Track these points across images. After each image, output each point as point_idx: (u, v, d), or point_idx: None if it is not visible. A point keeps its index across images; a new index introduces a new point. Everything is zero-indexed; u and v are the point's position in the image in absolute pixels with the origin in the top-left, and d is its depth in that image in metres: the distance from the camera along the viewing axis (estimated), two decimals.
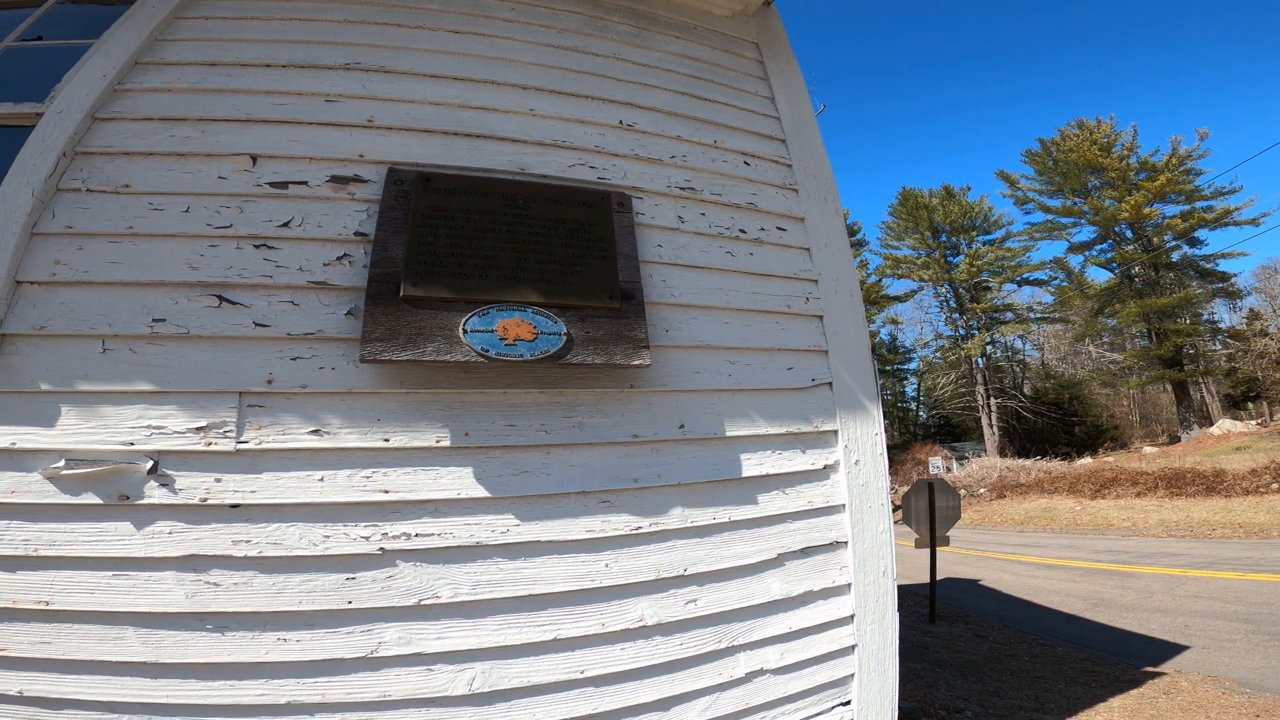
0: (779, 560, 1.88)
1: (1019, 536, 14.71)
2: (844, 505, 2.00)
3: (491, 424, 1.69)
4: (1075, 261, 33.59)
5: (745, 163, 2.34)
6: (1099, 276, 33.38)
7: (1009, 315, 37.30)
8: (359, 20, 2.14)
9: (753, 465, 1.93)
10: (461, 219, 1.79)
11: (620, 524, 1.73)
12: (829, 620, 1.89)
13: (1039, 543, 13.19)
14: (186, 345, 1.59)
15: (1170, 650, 4.93)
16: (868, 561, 1.97)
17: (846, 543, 1.97)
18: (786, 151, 2.42)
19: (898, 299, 40.78)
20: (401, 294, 1.64)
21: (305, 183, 1.81)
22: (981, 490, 22.14)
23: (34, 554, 1.40)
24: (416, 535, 1.58)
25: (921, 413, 43.59)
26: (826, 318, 2.19)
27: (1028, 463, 24.28)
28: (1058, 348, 40.25)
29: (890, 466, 2.14)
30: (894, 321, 41.50)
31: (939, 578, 6.98)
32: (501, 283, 1.73)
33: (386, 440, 1.61)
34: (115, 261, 1.63)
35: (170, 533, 1.47)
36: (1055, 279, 35.31)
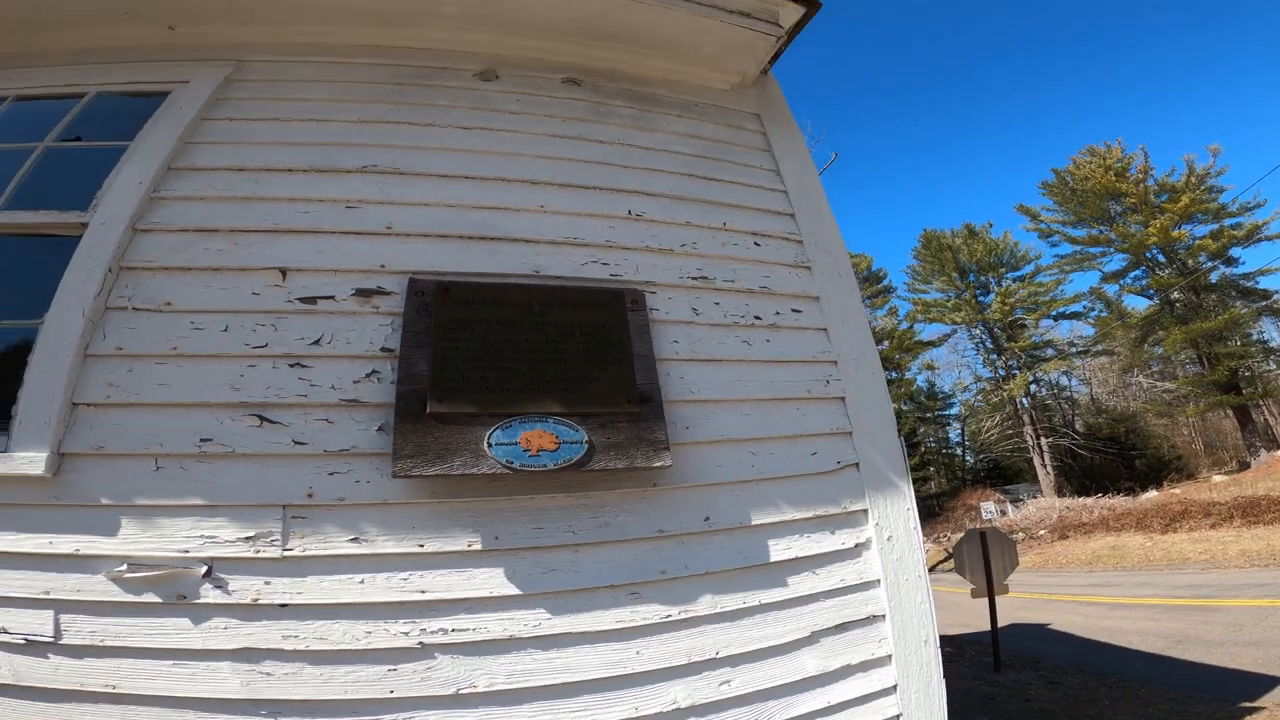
0: (814, 637, 1.90)
1: (1087, 577, 14.00)
2: (879, 580, 2.01)
3: (520, 528, 1.78)
4: (1111, 291, 32.43)
5: (756, 243, 2.36)
6: (1138, 305, 32.13)
7: (1050, 352, 35.77)
8: (373, 120, 2.21)
9: (780, 550, 1.96)
10: (481, 330, 1.87)
11: (650, 613, 1.80)
12: (870, 692, 1.90)
13: (1110, 582, 12.48)
14: (233, 463, 1.70)
15: (1266, 684, 4.71)
16: (908, 632, 1.98)
17: (884, 615, 1.99)
18: (796, 226, 2.44)
19: (931, 344, 38.93)
20: (428, 411, 1.73)
21: (332, 297, 1.90)
22: (1042, 532, 21.18)
23: (100, 644, 1.51)
24: (453, 630, 1.67)
25: (968, 457, 42.21)
26: (849, 399, 2.20)
27: (1089, 501, 23.25)
28: (1106, 381, 38.79)
29: (941, 514, 2.20)
30: (930, 367, 40.03)
31: (1002, 624, 6.67)
32: (522, 394, 1.80)
33: (421, 546, 1.71)
34: (163, 383, 1.74)
35: (225, 628, 1.58)
36: (1093, 310, 34.10)
